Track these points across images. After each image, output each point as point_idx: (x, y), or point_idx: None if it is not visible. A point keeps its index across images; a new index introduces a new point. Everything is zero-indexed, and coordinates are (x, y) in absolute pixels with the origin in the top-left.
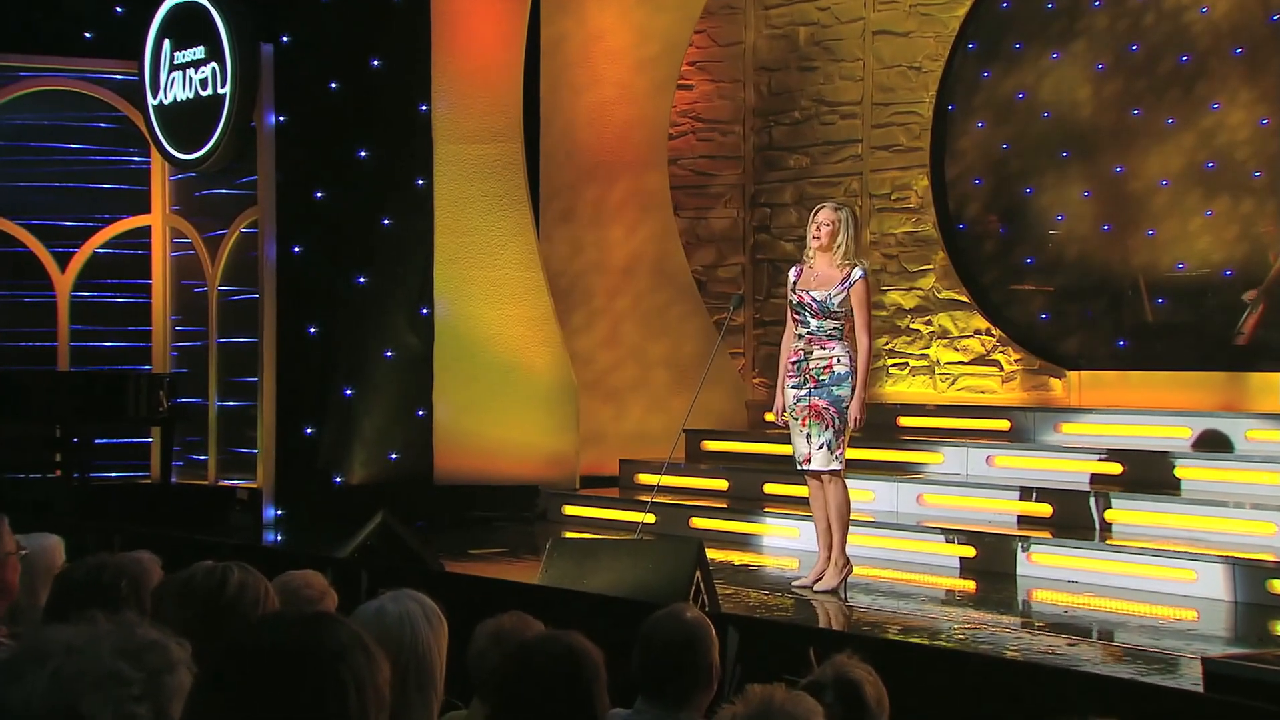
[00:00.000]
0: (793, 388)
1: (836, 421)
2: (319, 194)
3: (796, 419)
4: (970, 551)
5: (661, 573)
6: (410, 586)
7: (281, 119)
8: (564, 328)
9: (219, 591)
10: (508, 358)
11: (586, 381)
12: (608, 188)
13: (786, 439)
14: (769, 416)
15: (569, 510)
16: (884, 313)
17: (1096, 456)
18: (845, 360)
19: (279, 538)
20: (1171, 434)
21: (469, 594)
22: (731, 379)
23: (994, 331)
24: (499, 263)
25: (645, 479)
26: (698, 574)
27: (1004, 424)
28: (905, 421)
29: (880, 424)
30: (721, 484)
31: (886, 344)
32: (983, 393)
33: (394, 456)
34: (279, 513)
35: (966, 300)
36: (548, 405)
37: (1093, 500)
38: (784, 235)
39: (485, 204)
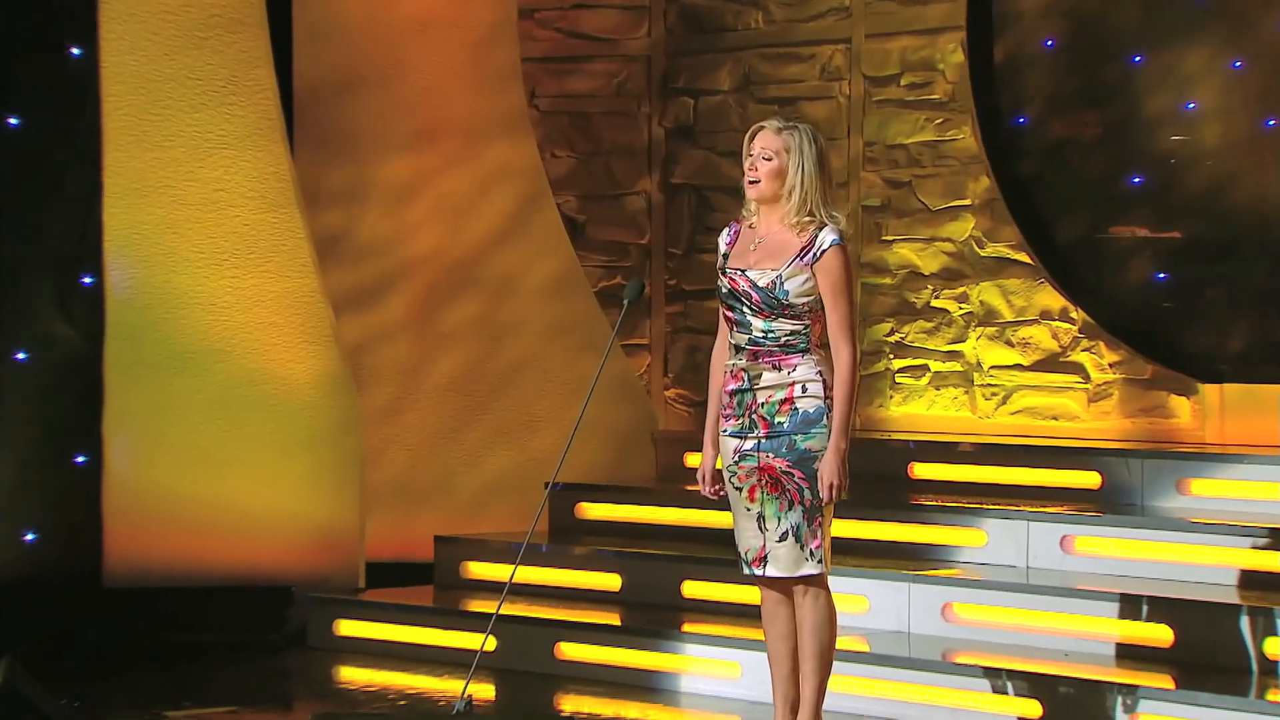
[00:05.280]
0: (731, 435)
1: (807, 494)
2: None
3: (740, 489)
4: (1035, 709)
5: None
6: None
7: None
8: (340, 312)
9: None
10: (240, 362)
11: (379, 403)
12: (415, 67)
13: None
14: (691, 460)
15: (346, 629)
16: (888, 280)
17: (1251, 540)
18: (817, 387)
19: None
20: None
21: None
22: (630, 396)
23: (1075, 313)
24: (223, 197)
25: (480, 571)
26: None
27: (1091, 478)
28: (922, 471)
29: (880, 475)
30: (611, 580)
31: (891, 333)
32: (1055, 419)
33: (31, 538)
34: None
35: (1028, 260)
36: (311, 444)
37: (1244, 621)
38: (717, 145)
39: (196, 93)
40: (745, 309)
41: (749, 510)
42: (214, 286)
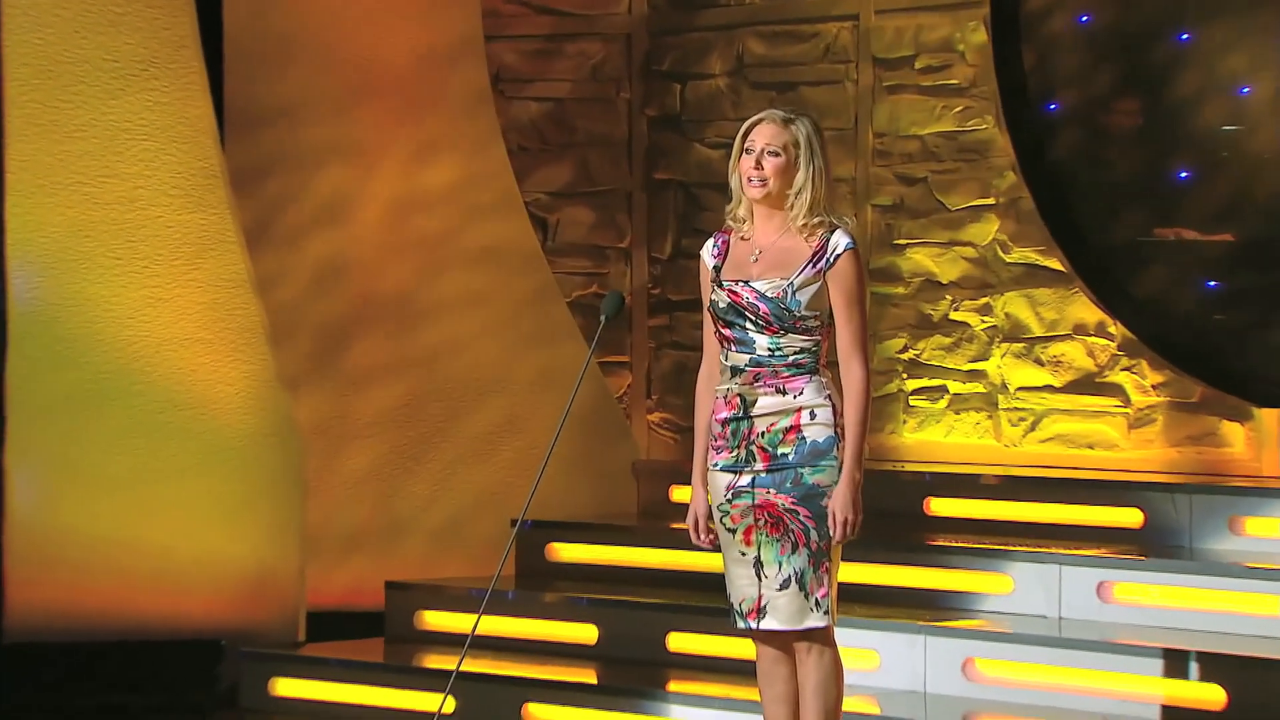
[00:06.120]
0: (723, 469)
1: (814, 535)
2: None
3: (733, 530)
4: None
5: None
6: None
7: None
8: (277, 328)
9: None
10: (162, 384)
11: (324, 432)
12: (365, 49)
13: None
14: (678, 494)
15: (284, 688)
16: (901, 290)
17: None
18: (826, 413)
19: None
20: None
21: None
22: (608, 421)
23: (1113, 327)
24: (143, 195)
25: (437, 621)
26: None
27: (1133, 516)
28: (939, 508)
29: (892, 512)
30: (587, 631)
31: (904, 350)
32: (1090, 448)
33: None
34: None
35: (1060, 267)
36: (244, 477)
37: None
38: (707, 136)
39: (112, 77)
40: (749, 324)
41: (744, 555)
42: (133, 297)
